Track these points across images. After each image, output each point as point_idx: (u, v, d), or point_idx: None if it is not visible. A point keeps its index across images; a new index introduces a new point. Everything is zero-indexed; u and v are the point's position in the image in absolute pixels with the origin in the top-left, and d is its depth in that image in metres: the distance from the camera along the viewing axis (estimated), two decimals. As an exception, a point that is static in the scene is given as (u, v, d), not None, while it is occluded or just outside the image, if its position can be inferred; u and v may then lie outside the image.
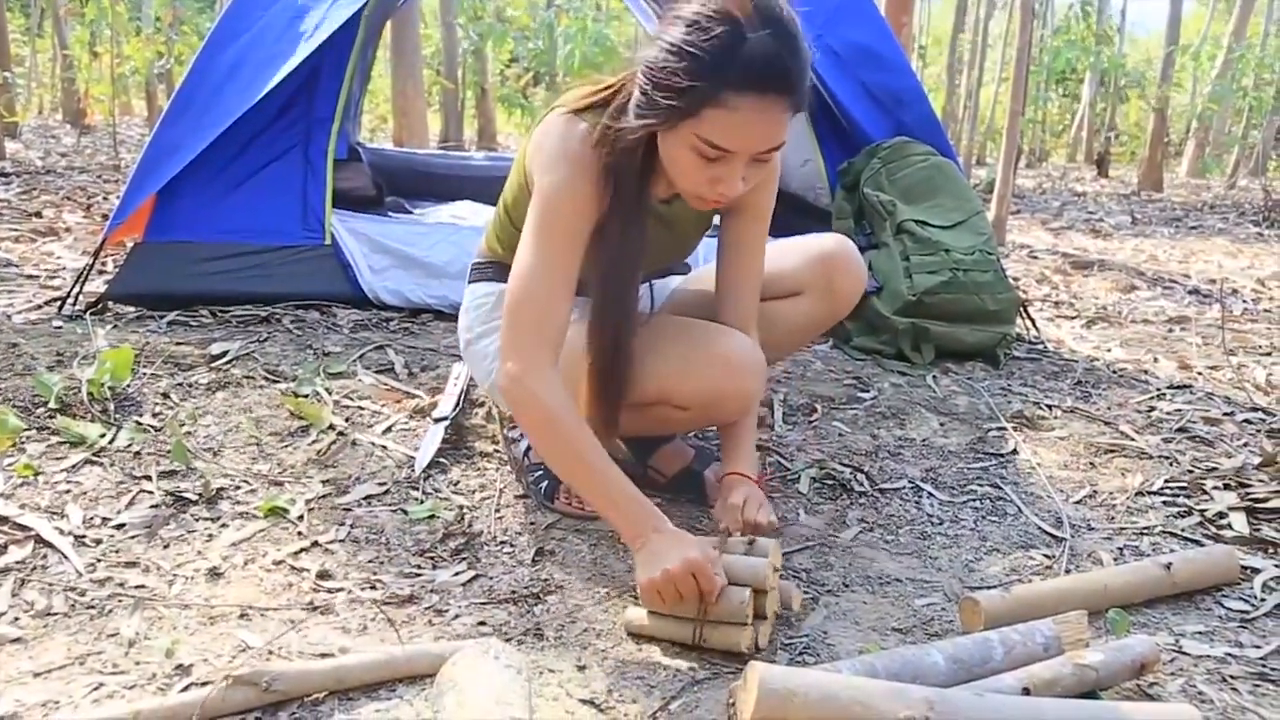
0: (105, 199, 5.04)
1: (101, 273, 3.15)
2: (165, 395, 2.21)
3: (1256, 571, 1.70)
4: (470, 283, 1.89)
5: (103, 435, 1.97)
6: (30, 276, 3.25)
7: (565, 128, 1.53)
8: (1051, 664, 1.28)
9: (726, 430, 1.73)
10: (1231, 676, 1.40)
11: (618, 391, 1.56)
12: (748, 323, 1.72)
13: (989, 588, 1.60)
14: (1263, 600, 1.62)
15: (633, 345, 1.56)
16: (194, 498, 1.79)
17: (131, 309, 2.81)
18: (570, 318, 1.52)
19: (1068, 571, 1.71)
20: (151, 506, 1.75)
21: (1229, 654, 1.46)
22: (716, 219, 1.74)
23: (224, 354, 2.48)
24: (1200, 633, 1.52)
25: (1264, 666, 1.43)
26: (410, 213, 3.94)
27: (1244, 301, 4.33)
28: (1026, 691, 1.22)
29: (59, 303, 2.78)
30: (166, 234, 2.88)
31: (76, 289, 2.79)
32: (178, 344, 2.53)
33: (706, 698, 1.29)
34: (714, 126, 1.36)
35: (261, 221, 2.95)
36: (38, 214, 4.50)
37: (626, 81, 1.50)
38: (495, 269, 1.83)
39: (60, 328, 2.60)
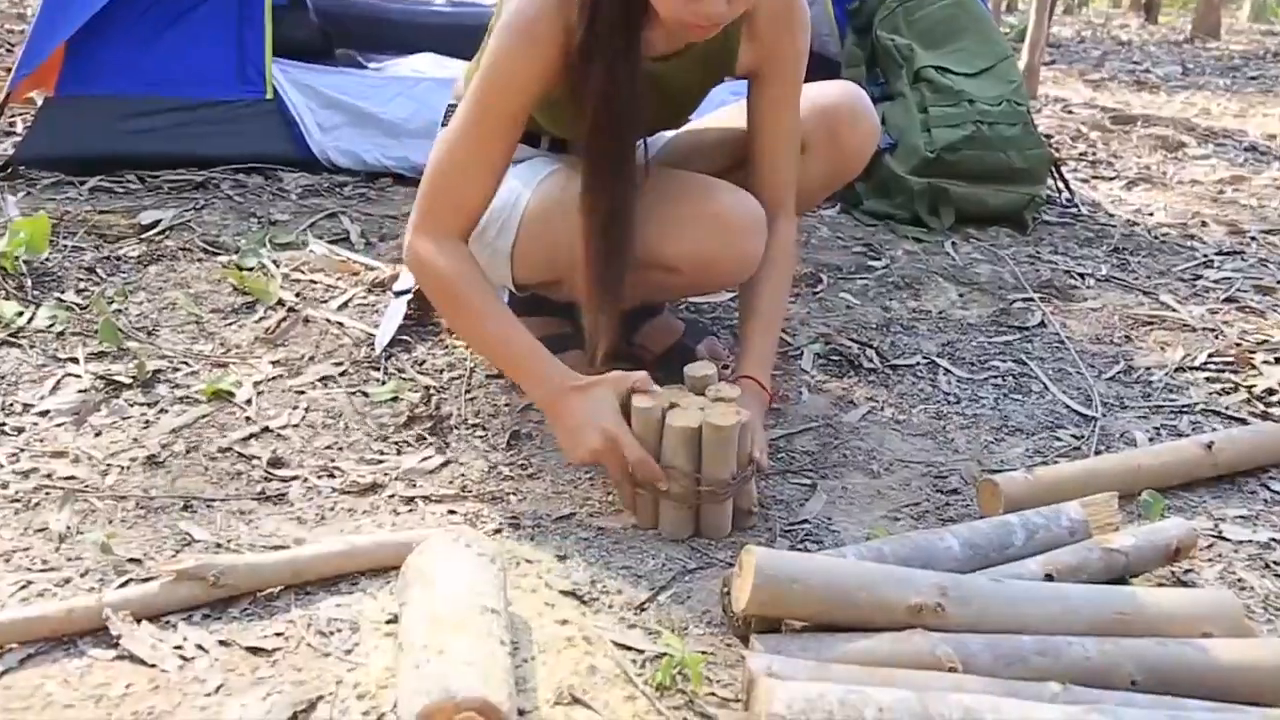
0: (9, 51, 4.89)
1: (9, 134, 3.08)
2: (90, 270, 2.18)
3: (1306, 451, 1.72)
4: (443, 125, 1.86)
5: (20, 314, 1.95)
6: (-71, 140, 3.18)
7: None
8: (1077, 548, 1.30)
9: (744, 322, 1.71)
10: (1275, 562, 1.42)
11: (621, 257, 1.56)
12: (782, 197, 1.72)
13: (1010, 470, 1.61)
14: (1312, 482, 1.64)
15: (634, 206, 1.55)
16: (127, 381, 1.78)
17: (46, 174, 2.74)
18: (490, 198, 1.55)
19: (1098, 453, 1.72)
20: (79, 391, 1.74)
21: (1273, 539, 1.48)
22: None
23: (156, 224, 2.44)
24: (1242, 517, 1.54)
25: (1309, 551, 1.45)
26: (364, 67, 3.83)
27: (1305, 160, 4.30)
28: (1049, 577, 1.24)
29: (-38, 169, 2.72)
30: (83, 87, 2.79)
31: (-18, 152, 2.73)
32: (102, 213, 2.48)
33: (699, 587, 1.31)
34: None
35: (193, 72, 2.86)
36: (-65, 70, 4.38)
37: None
38: None
39: (-35, 196, 2.55)
